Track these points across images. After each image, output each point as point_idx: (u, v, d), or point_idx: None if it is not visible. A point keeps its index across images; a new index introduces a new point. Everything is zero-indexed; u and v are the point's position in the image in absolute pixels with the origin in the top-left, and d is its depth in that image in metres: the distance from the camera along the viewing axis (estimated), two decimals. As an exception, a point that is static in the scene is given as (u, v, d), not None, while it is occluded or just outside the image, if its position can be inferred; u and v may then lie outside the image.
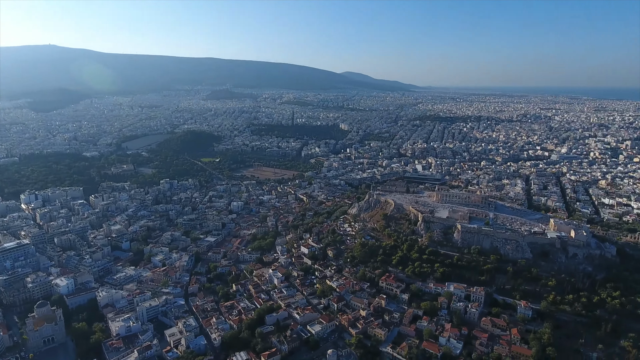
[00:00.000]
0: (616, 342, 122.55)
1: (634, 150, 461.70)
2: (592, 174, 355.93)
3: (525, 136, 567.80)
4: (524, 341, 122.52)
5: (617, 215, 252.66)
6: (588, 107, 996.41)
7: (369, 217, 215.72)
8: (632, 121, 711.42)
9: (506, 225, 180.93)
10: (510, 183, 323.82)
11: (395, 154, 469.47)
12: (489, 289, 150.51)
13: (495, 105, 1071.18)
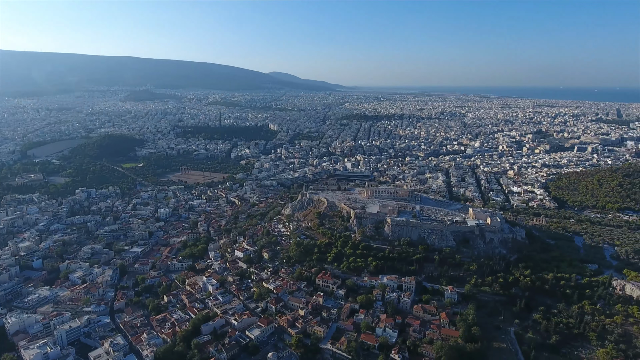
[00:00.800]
0: (529, 316, 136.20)
1: (534, 143, 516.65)
2: (502, 165, 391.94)
3: (444, 132, 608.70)
4: (452, 323, 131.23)
5: (524, 201, 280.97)
6: (495, 105, 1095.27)
7: (302, 217, 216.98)
8: (531, 117, 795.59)
9: (431, 216, 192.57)
10: (432, 177, 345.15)
11: (325, 153, 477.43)
12: (418, 277, 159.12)
13: (416, 104, 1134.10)
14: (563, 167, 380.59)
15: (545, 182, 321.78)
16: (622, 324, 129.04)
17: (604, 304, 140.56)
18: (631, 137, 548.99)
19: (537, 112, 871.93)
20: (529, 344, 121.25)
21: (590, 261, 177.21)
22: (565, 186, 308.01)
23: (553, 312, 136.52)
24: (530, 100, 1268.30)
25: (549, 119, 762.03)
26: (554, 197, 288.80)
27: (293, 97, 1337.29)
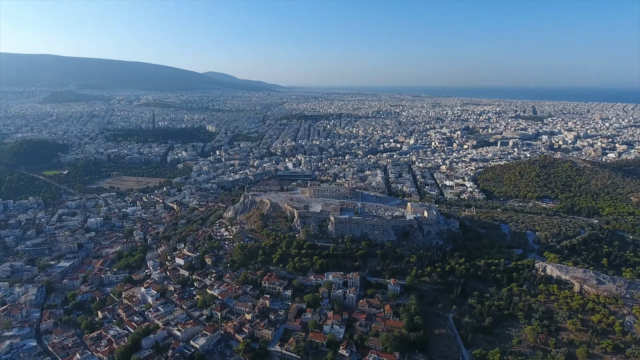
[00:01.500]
0: (465, 302, 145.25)
1: (463, 139, 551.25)
2: (435, 161, 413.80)
3: (380, 131, 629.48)
4: (396, 315, 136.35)
5: (456, 194, 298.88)
6: (427, 104, 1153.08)
7: (245, 219, 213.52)
8: (460, 114, 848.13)
9: (372, 212, 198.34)
10: (371, 174, 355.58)
11: (265, 154, 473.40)
12: (363, 273, 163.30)
13: (353, 104, 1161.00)
14: (489, 160, 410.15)
15: (474, 175, 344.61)
16: (545, 302, 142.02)
17: (529, 285, 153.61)
18: (545, 132, 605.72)
19: (464, 110, 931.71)
20: (466, 327, 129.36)
21: (516, 246, 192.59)
22: (491, 178, 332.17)
23: (486, 296, 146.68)
24: (458, 99, 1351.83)
25: (475, 116, 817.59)
26: (482, 189, 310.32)
27: (231, 97, 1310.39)
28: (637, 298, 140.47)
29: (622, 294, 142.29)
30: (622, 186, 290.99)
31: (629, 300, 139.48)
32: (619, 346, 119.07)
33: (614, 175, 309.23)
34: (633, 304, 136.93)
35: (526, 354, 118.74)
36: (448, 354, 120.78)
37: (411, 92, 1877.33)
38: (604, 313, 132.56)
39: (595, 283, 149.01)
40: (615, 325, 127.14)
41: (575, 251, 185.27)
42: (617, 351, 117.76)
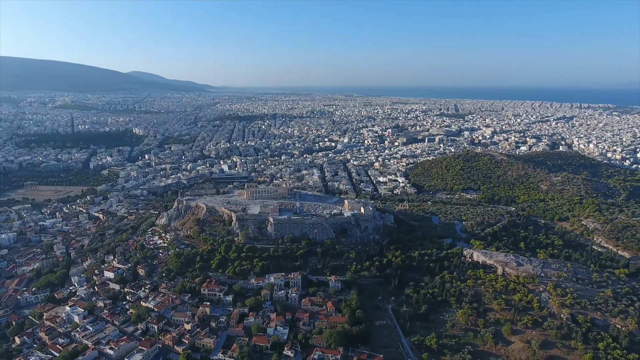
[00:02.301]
0: (403, 292, 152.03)
1: (394, 136, 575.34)
2: (369, 158, 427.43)
3: (315, 130, 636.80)
4: (338, 310, 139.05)
5: (390, 189, 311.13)
6: (359, 103, 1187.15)
7: (180, 225, 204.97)
8: (390, 113, 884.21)
9: (311, 211, 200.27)
10: (308, 173, 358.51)
11: (199, 156, 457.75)
12: (304, 272, 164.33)
13: (287, 104, 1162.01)
14: (418, 156, 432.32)
15: (405, 171, 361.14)
16: (473, 286, 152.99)
17: (459, 271, 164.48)
18: (466, 128, 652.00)
19: (394, 109, 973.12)
20: (404, 317, 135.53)
21: (446, 236, 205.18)
22: (421, 173, 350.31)
23: (421, 285, 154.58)
24: (387, 98, 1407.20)
25: (404, 114, 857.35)
26: (414, 183, 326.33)
27: (159, 98, 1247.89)
28: (551, 276, 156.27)
29: (538, 273, 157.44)
30: (534, 176, 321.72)
31: (543, 278, 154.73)
32: (537, 321, 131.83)
33: (527, 166, 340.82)
34: (547, 281, 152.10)
35: (459, 336, 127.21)
36: (389, 343, 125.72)
37: (343, 92, 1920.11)
38: (523, 292, 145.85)
39: (515, 265, 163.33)
40: (533, 302, 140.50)
41: (497, 237, 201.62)
42: (536, 325, 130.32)
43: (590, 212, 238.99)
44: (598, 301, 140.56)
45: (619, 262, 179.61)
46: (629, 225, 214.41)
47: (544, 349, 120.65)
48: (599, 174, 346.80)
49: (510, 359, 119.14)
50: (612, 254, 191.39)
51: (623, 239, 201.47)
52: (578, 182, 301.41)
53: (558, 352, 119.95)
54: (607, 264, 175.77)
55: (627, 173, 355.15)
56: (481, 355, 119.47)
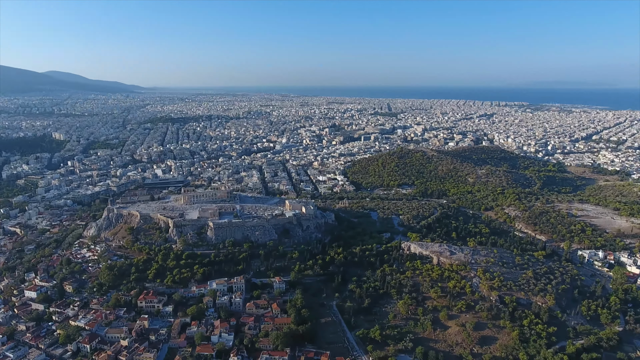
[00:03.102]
0: (346, 288, 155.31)
1: (331, 135, 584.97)
2: (307, 158, 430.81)
3: (253, 131, 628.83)
4: (284, 311, 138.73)
5: (329, 188, 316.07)
6: (296, 103, 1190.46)
7: (112, 235, 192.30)
8: (326, 112, 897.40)
9: (252, 213, 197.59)
10: (247, 175, 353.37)
11: (130, 161, 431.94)
12: (247, 275, 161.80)
13: (223, 104, 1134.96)
14: (355, 155, 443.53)
15: (343, 169, 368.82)
16: (412, 277, 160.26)
17: (398, 264, 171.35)
18: (399, 126, 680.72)
19: (330, 109, 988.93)
20: (348, 312, 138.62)
21: (385, 231, 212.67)
22: (359, 171, 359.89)
23: (363, 279, 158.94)
24: (323, 98, 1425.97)
25: (340, 114, 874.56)
26: (352, 181, 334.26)
27: (82, 100, 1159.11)
28: (480, 262, 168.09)
29: (469, 260, 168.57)
30: (462, 170, 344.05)
31: (474, 265, 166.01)
32: (470, 304, 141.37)
33: (455, 161, 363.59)
34: (477, 267, 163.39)
35: (401, 326, 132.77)
36: (335, 339, 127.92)
37: (280, 92, 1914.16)
38: (457, 279, 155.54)
39: (448, 254, 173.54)
40: (466, 287, 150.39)
41: (431, 229, 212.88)
42: (470, 309, 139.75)
43: (511, 201, 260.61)
44: (521, 282, 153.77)
45: (537, 245, 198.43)
46: (544, 211, 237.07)
47: (477, 330, 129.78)
48: (517, 165, 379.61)
49: (448, 342, 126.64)
50: (531, 238, 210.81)
51: (540, 224, 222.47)
52: (500, 174, 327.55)
53: (489, 332, 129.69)
54: (527, 247, 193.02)
55: (541, 164, 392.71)
56: (422, 342, 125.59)
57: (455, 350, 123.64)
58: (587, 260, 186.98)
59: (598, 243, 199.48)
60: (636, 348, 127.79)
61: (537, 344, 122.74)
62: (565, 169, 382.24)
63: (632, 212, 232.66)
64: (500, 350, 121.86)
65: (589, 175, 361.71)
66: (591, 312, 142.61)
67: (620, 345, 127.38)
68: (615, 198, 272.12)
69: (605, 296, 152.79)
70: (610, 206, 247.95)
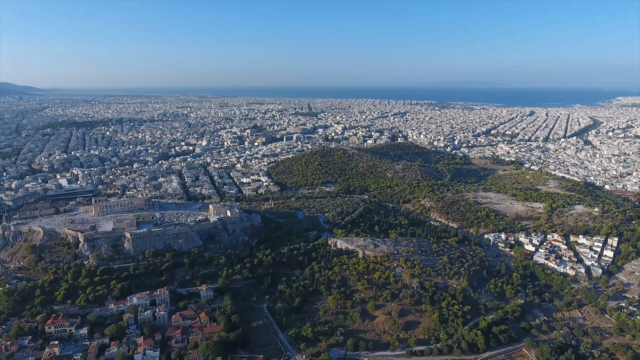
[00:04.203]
0: (276, 289, 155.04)
1: (253, 137, 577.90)
2: (230, 160, 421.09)
3: (170, 134, 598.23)
4: (213, 320, 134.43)
5: (254, 189, 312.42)
6: (214, 104, 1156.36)
7: (9, 256, 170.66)
8: (247, 113, 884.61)
9: (174, 221, 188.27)
10: (166, 180, 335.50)
11: (27, 171, 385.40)
12: (171, 286, 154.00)
13: (135, 106, 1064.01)
14: (278, 155, 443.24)
15: (267, 170, 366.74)
16: (340, 272, 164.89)
17: (326, 260, 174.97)
18: (320, 126, 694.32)
19: (251, 109, 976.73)
20: (279, 313, 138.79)
21: (312, 229, 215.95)
22: (283, 171, 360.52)
23: (293, 279, 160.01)
24: (243, 99, 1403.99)
25: (261, 114, 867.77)
26: (277, 181, 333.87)
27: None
28: (402, 252, 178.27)
29: (391, 251, 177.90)
30: (380, 166, 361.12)
31: (396, 255, 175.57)
32: (395, 293, 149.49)
33: (374, 157, 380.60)
34: (399, 257, 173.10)
35: (331, 321, 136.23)
36: (268, 342, 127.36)
37: (197, 93, 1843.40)
38: (381, 270, 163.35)
39: (373, 247, 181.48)
40: (390, 277, 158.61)
41: (355, 224, 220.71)
42: (394, 297, 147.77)
43: (426, 193, 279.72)
44: (438, 267, 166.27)
45: (450, 232, 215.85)
46: (454, 201, 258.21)
47: (402, 317, 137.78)
48: (429, 160, 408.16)
49: (376, 331, 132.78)
50: (444, 226, 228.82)
51: (451, 213, 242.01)
52: (415, 169, 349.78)
53: (413, 317, 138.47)
54: (442, 235, 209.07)
55: (449, 158, 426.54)
56: (352, 333, 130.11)
57: (383, 337, 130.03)
58: (492, 242, 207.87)
59: (500, 226, 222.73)
60: (536, 317, 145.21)
61: (454, 323, 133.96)
62: (470, 161, 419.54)
63: (526, 197, 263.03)
64: (424, 333, 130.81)
65: (490, 166, 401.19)
66: (498, 288, 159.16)
67: (523, 316, 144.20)
68: (512, 185, 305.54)
69: (509, 273, 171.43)
70: (509, 193, 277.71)
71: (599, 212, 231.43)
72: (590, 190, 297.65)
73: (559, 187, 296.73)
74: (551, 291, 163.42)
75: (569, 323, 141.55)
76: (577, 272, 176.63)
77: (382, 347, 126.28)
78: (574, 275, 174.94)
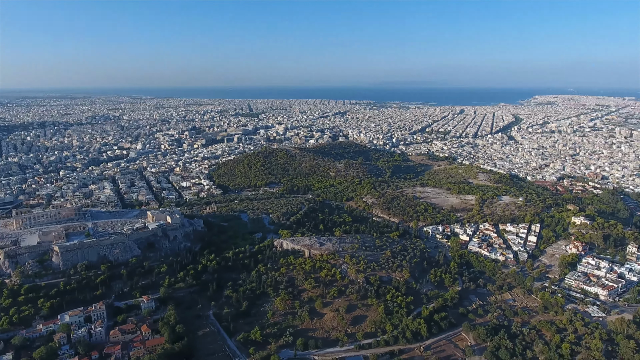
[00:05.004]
0: (222, 294, 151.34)
1: (192, 139, 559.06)
2: (168, 164, 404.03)
3: (100, 138, 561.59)
4: (156, 332, 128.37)
5: (195, 193, 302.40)
6: (149, 106, 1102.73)
7: None
8: (185, 115, 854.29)
9: (109, 230, 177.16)
10: (98, 187, 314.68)
11: None
12: (108, 300, 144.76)
13: (59, 109, 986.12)
14: (219, 157, 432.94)
15: (208, 173, 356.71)
16: (287, 272, 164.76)
17: (272, 262, 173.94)
18: (262, 126, 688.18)
19: (189, 111, 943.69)
20: (226, 318, 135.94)
21: (256, 231, 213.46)
22: (225, 173, 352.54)
23: (239, 283, 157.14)
24: (181, 100, 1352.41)
25: (200, 116, 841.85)
26: (219, 184, 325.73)
27: None
28: (347, 249, 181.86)
29: (337, 249, 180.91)
30: (323, 165, 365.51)
31: (341, 252, 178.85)
32: (341, 290, 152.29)
33: (317, 157, 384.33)
34: (344, 254, 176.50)
35: (280, 322, 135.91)
36: (215, 349, 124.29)
37: (129, 94, 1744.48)
38: (328, 268, 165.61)
39: (318, 246, 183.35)
40: (336, 274, 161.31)
41: (301, 224, 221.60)
42: (341, 294, 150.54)
43: (368, 190, 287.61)
44: (382, 261, 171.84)
45: (392, 227, 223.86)
46: (395, 196, 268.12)
47: (349, 312, 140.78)
48: (370, 157, 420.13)
49: (325, 328, 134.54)
50: (386, 221, 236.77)
51: (392, 208, 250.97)
52: (356, 167, 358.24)
53: (360, 312, 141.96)
54: (384, 230, 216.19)
55: (389, 155, 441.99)
56: (301, 333, 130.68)
57: (332, 334, 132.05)
58: (431, 234, 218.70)
59: (437, 219, 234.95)
60: (472, 302, 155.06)
61: (399, 314, 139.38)
62: (408, 158, 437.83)
63: (459, 190, 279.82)
64: (371, 326, 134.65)
65: (426, 162, 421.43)
66: (437, 278, 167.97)
67: (461, 302, 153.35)
68: (447, 180, 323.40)
69: (447, 263, 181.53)
70: (444, 187, 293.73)
71: (523, 201, 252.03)
72: (515, 181, 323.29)
73: (488, 180, 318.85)
74: (485, 277, 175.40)
75: (501, 305, 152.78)
76: (507, 257, 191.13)
77: (331, 344, 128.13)
78: (504, 261, 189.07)
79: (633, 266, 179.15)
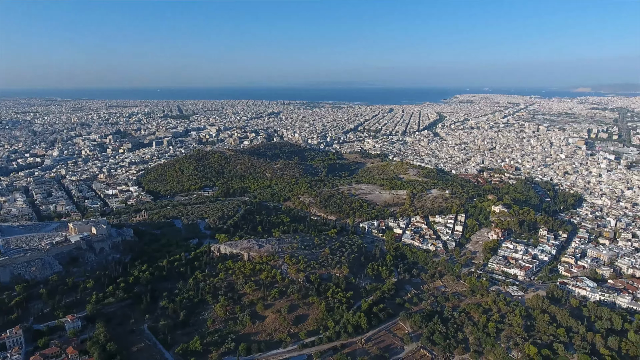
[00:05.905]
0: (157, 306, 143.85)
1: (117, 143, 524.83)
2: (90, 171, 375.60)
3: (9, 145, 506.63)
4: (84, 352, 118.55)
5: (123, 201, 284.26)
6: (66, 108, 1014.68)
7: None
8: (107, 118, 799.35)
9: (23, 246, 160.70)
10: (8, 200, 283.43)
11: None
12: (26, 323, 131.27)
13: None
14: (148, 162, 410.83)
15: (137, 178, 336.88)
16: (226, 278, 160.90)
17: (210, 268, 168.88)
18: (193, 128, 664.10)
19: (112, 113, 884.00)
20: (163, 331, 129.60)
21: (192, 237, 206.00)
22: (155, 179, 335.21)
23: (175, 292, 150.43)
24: (102, 102, 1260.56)
25: (125, 118, 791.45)
26: (148, 190, 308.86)
27: None
28: (286, 250, 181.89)
29: (276, 250, 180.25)
30: (259, 166, 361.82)
31: (281, 253, 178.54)
32: (282, 290, 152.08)
33: (252, 158, 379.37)
34: (284, 255, 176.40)
35: (221, 329, 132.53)
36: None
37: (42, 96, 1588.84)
38: (268, 270, 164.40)
39: (257, 248, 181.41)
40: (277, 276, 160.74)
41: (238, 227, 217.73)
42: (282, 295, 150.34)
43: (304, 189, 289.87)
44: (322, 259, 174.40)
45: (329, 225, 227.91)
46: (331, 195, 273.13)
47: (291, 312, 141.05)
48: (305, 157, 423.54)
49: (268, 331, 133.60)
50: (324, 219, 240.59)
51: (329, 207, 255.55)
52: (293, 167, 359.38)
53: (302, 311, 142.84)
54: (322, 228, 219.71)
55: (324, 154, 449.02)
56: (243, 338, 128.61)
57: (275, 336, 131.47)
58: (367, 230, 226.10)
59: (372, 214, 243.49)
60: (407, 291, 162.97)
61: (340, 310, 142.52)
62: (342, 157, 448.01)
63: (392, 186, 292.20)
64: (313, 324, 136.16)
65: (360, 159, 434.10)
66: (375, 271, 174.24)
67: (397, 293, 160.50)
68: (379, 176, 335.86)
69: (383, 256, 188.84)
70: (377, 183, 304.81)
71: (449, 194, 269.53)
72: (441, 175, 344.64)
73: (417, 175, 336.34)
74: (418, 267, 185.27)
75: (434, 292, 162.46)
76: (437, 247, 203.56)
77: (275, 346, 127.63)
78: (435, 251, 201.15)
79: (544, 247, 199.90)
